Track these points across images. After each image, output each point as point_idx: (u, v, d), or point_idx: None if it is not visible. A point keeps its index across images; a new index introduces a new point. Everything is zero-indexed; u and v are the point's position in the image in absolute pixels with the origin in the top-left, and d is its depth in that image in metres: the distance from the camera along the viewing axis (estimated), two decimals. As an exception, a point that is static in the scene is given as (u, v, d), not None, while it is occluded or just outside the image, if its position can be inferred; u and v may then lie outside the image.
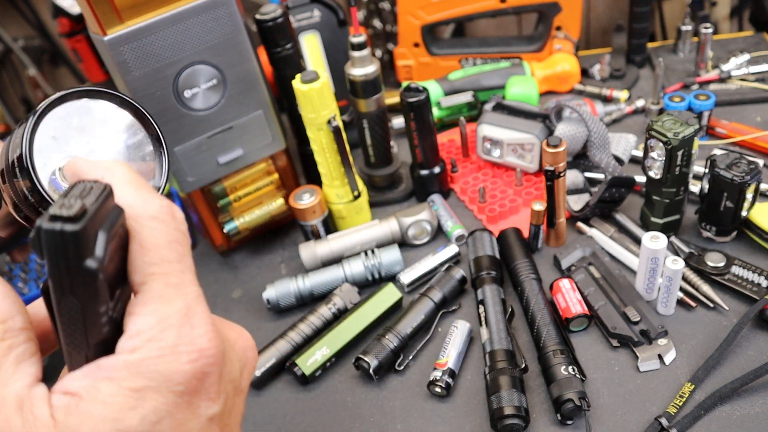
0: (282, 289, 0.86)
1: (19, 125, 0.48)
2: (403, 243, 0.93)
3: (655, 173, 0.80)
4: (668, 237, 0.82)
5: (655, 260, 0.74)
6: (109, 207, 0.34)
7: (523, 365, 0.72)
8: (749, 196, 0.79)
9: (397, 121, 1.13)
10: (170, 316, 0.34)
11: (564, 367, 0.69)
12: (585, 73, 1.20)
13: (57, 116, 0.49)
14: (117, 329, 0.36)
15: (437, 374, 0.73)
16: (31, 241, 0.32)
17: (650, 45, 1.23)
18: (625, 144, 0.95)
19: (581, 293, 0.79)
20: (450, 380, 0.73)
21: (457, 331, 0.77)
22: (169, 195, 1.07)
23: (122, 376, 0.34)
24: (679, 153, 0.76)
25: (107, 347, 0.36)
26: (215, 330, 0.36)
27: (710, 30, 1.07)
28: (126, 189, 0.35)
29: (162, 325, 0.34)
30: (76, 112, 0.50)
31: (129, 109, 0.52)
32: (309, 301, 0.88)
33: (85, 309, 0.34)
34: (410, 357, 0.78)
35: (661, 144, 0.77)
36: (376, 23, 1.44)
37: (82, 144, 0.51)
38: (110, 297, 0.35)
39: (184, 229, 0.37)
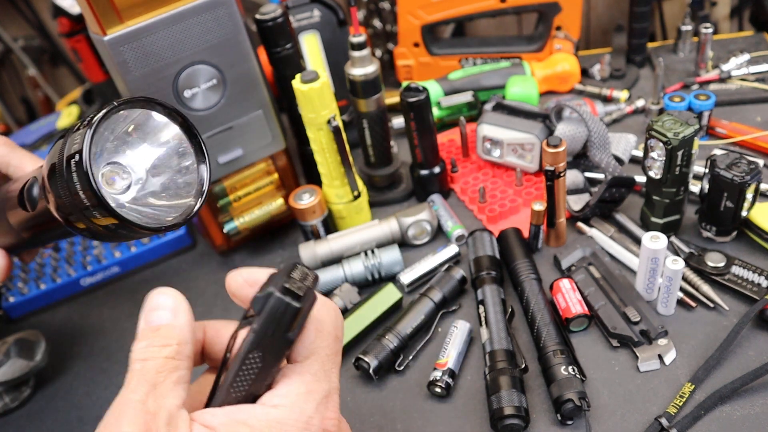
0: (282, 289, 0.86)
1: (76, 127, 0.51)
2: (403, 243, 0.93)
3: (655, 173, 0.80)
4: (668, 237, 0.82)
5: (655, 260, 0.74)
6: (314, 294, 0.41)
7: (523, 365, 0.72)
8: (749, 196, 0.79)
9: (397, 121, 1.13)
10: (315, 392, 0.41)
11: (564, 367, 0.69)
12: (585, 73, 1.20)
13: (112, 122, 0.52)
14: (267, 386, 0.42)
15: (437, 374, 0.73)
16: (255, 299, 0.40)
17: (650, 45, 1.23)
18: (625, 144, 0.95)
19: (581, 293, 0.79)
20: (450, 380, 0.73)
21: (457, 331, 0.77)
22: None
23: (259, 426, 0.39)
24: (679, 153, 0.76)
25: (254, 398, 0.42)
26: (340, 420, 0.44)
27: (710, 30, 1.07)
28: None
29: (307, 397, 0.40)
30: (126, 120, 0.54)
31: (176, 120, 0.55)
32: (309, 301, 0.88)
33: (265, 366, 0.41)
34: (410, 357, 0.78)
35: (661, 144, 0.77)
36: (376, 23, 1.44)
37: (129, 151, 0.54)
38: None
39: (342, 337, 0.45)
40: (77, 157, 0.49)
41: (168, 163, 0.56)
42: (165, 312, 0.43)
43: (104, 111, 0.50)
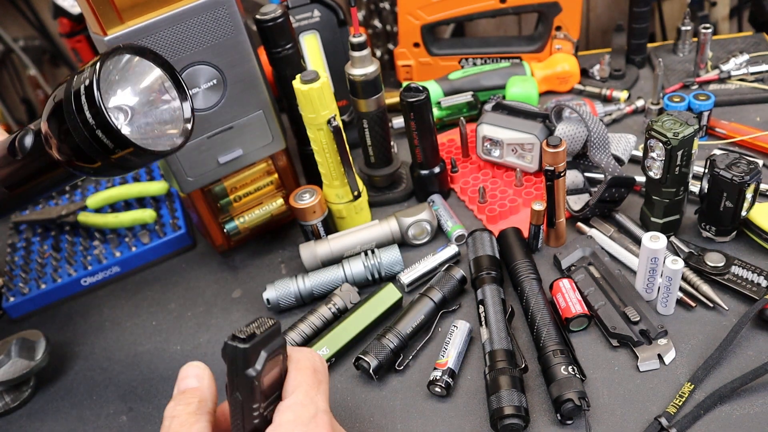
0: (282, 289, 0.86)
1: (79, 70, 0.58)
2: (403, 243, 0.93)
3: (655, 173, 0.80)
4: (668, 237, 0.82)
5: (654, 260, 0.74)
6: (274, 336, 0.49)
7: (523, 365, 0.72)
8: (749, 196, 0.79)
9: (397, 121, 1.13)
10: (302, 417, 0.50)
11: (564, 367, 0.69)
12: (585, 73, 1.20)
13: (108, 65, 0.59)
14: (266, 422, 0.50)
15: (437, 374, 0.73)
16: (221, 351, 0.48)
17: (650, 45, 1.23)
18: (625, 144, 0.95)
19: (581, 293, 0.79)
20: (450, 380, 0.73)
21: (457, 331, 0.77)
22: (169, 195, 1.08)
23: None
24: (679, 153, 0.76)
25: None
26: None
27: (710, 30, 1.07)
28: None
29: (296, 422, 0.50)
30: (117, 65, 0.61)
31: (160, 65, 0.64)
32: (309, 301, 0.88)
33: (245, 403, 0.49)
34: (410, 357, 0.78)
35: (660, 144, 0.77)
36: (376, 23, 1.44)
37: (120, 91, 0.61)
38: (264, 399, 0.50)
39: (324, 370, 0.55)
40: (89, 89, 0.55)
41: (153, 102, 0.64)
42: (191, 379, 0.53)
43: (106, 52, 0.58)
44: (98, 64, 0.56)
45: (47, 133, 0.59)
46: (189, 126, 0.65)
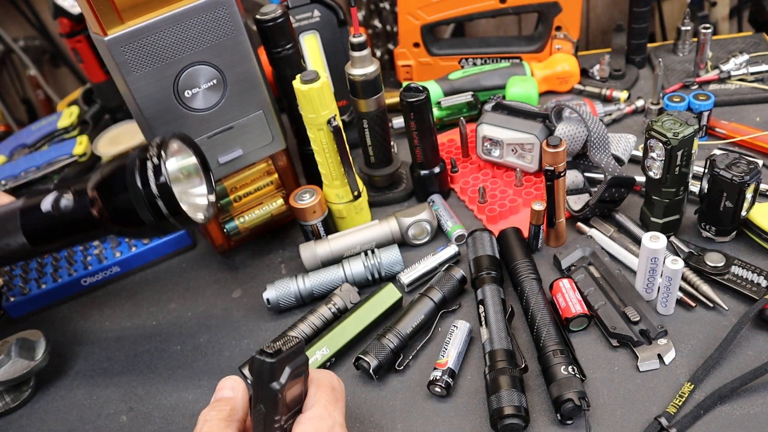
0: (282, 289, 0.86)
1: (142, 148, 0.70)
2: (403, 243, 0.93)
3: (655, 173, 0.80)
4: (668, 237, 0.82)
5: (654, 260, 0.74)
6: (298, 354, 0.54)
7: (523, 365, 0.72)
8: (749, 196, 0.79)
9: (397, 121, 1.13)
10: (321, 428, 0.54)
11: (564, 366, 0.69)
12: (585, 73, 1.20)
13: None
14: None
15: (437, 374, 0.73)
16: (248, 364, 0.55)
17: (650, 45, 1.23)
18: (625, 144, 0.95)
19: (581, 293, 0.79)
20: (450, 380, 0.73)
21: (457, 331, 0.77)
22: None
23: None
24: (679, 153, 0.76)
25: None
26: None
27: (710, 30, 1.07)
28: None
29: None
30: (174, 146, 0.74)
31: (197, 155, 0.76)
32: (309, 301, 0.88)
33: (267, 415, 0.53)
34: (410, 357, 0.78)
35: (660, 144, 0.77)
36: (376, 23, 1.44)
37: (171, 166, 0.72)
38: (287, 412, 0.54)
39: (341, 389, 0.60)
40: (157, 166, 0.68)
41: (189, 179, 0.76)
42: (227, 390, 0.59)
43: (167, 138, 0.71)
44: (163, 146, 0.69)
45: (94, 198, 0.71)
46: (212, 210, 0.77)
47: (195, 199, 0.76)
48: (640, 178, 0.91)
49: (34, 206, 0.75)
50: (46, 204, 0.74)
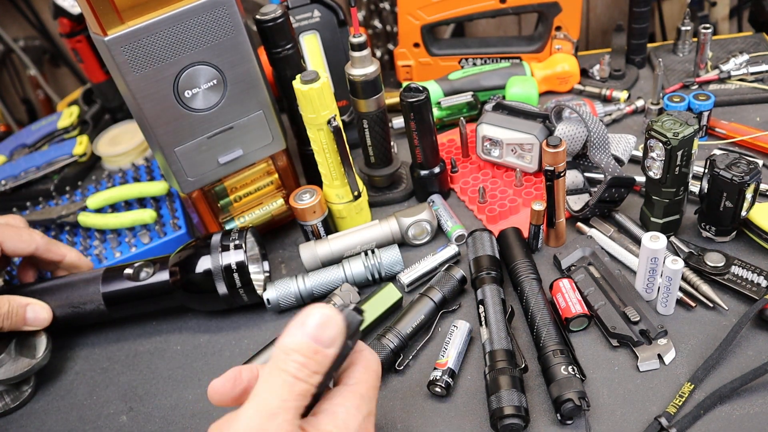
0: (282, 289, 0.86)
1: (230, 237, 0.85)
2: (403, 243, 0.93)
3: (655, 173, 0.80)
4: (668, 237, 0.82)
5: (654, 260, 0.74)
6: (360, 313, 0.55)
7: (523, 365, 0.72)
8: (749, 196, 0.79)
9: (397, 121, 1.13)
10: (363, 408, 0.53)
11: (564, 366, 0.69)
12: (585, 73, 1.20)
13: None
14: (315, 398, 0.52)
15: (437, 374, 0.73)
16: (346, 315, 0.53)
17: (650, 45, 1.23)
18: (625, 144, 0.95)
19: (581, 293, 0.79)
20: (450, 380, 0.73)
21: (457, 331, 0.77)
22: (170, 195, 1.08)
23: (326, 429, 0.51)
24: (679, 153, 0.76)
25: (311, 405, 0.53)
26: None
27: (710, 30, 1.07)
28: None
29: (357, 411, 0.53)
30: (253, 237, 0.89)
31: (259, 245, 0.91)
32: (309, 301, 0.88)
33: (333, 366, 0.52)
34: (410, 357, 0.78)
35: (660, 144, 0.77)
36: (376, 23, 1.44)
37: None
38: (336, 368, 0.53)
39: (380, 375, 0.58)
40: (241, 263, 0.82)
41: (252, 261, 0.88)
42: (333, 338, 0.51)
43: (248, 230, 0.87)
44: (246, 242, 0.84)
45: (173, 270, 0.84)
46: (264, 286, 0.88)
47: (254, 276, 0.86)
48: (640, 178, 0.91)
49: (116, 271, 0.86)
50: (128, 271, 0.85)
